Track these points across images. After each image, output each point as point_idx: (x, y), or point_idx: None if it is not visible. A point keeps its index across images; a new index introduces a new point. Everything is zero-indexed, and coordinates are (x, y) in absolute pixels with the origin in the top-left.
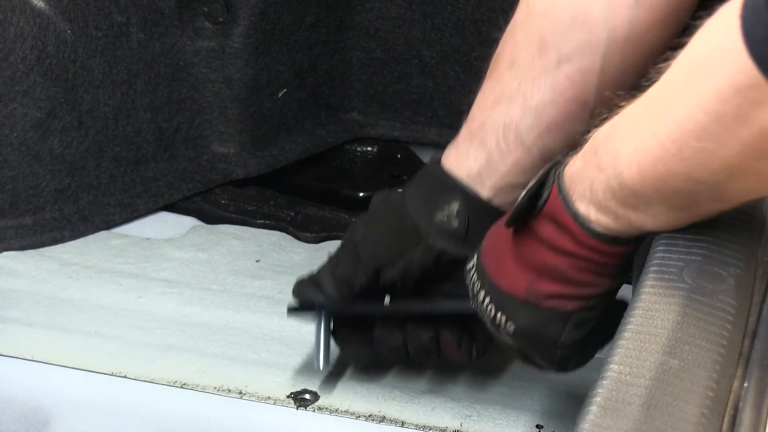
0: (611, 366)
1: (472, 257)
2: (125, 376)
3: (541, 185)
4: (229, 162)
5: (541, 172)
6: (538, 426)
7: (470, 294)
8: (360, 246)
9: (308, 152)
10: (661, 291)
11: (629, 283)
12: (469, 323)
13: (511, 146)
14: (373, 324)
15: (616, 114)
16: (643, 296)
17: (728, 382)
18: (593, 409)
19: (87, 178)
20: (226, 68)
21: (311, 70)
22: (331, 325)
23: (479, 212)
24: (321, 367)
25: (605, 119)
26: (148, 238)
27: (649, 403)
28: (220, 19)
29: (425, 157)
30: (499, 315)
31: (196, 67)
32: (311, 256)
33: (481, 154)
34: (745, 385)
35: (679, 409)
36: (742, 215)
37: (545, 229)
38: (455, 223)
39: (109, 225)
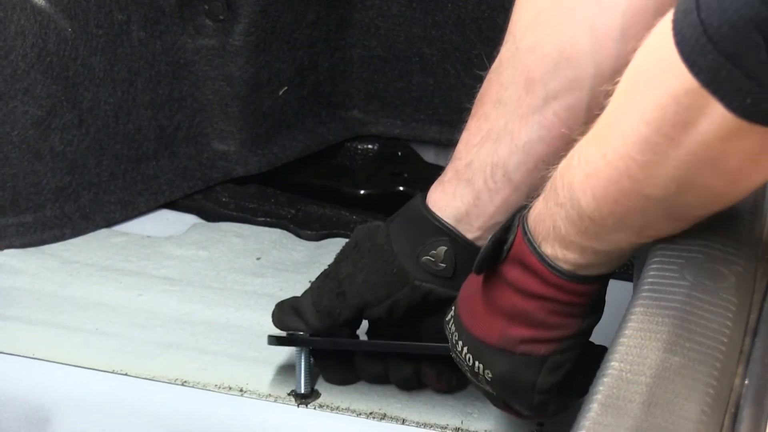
0: (612, 363)
1: (450, 309)
2: (126, 374)
3: (506, 230)
4: (230, 160)
5: (507, 218)
6: (539, 424)
7: (450, 345)
8: (345, 284)
9: (309, 150)
10: (661, 288)
11: (630, 278)
12: (449, 357)
13: (499, 185)
14: (353, 352)
15: (572, 148)
16: (643, 294)
17: (729, 380)
18: (594, 407)
19: (88, 176)
20: (226, 66)
21: (312, 68)
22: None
23: (466, 253)
24: (303, 391)
25: (563, 156)
26: (148, 236)
27: (650, 400)
28: (221, 17)
29: (426, 154)
30: (477, 364)
31: (196, 65)
32: (312, 254)
33: (468, 193)
34: (746, 382)
35: (679, 406)
36: (742, 213)
37: (512, 273)
38: (442, 266)
39: (109, 223)
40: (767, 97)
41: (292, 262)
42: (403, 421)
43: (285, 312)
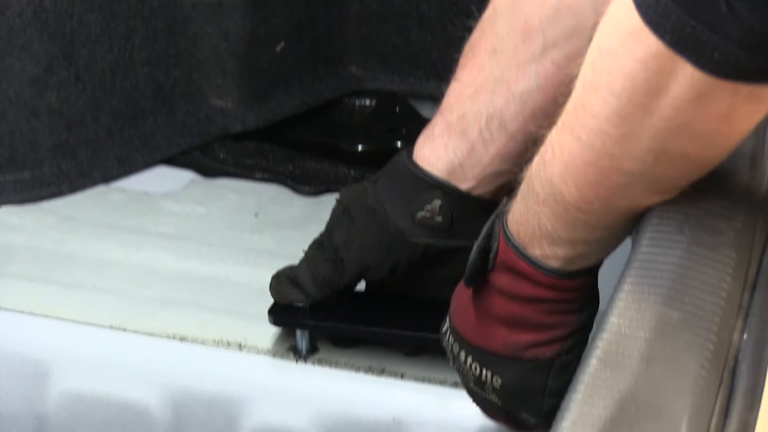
0: (611, 319)
1: (444, 321)
2: (124, 330)
3: (488, 238)
4: (227, 116)
5: (486, 226)
6: None
7: (450, 356)
8: (342, 251)
9: (306, 106)
10: (660, 243)
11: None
12: None
13: (495, 135)
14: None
15: (542, 145)
16: (642, 249)
17: (728, 335)
18: (593, 362)
19: (85, 133)
20: (223, 22)
21: (309, 24)
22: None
23: (461, 204)
24: (302, 346)
25: (532, 156)
26: (146, 193)
27: (648, 355)
28: None
29: (423, 110)
30: (484, 372)
31: (193, 22)
32: (310, 210)
33: (462, 145)
34: (745, 337)
35: (678, 361)
36: (740, 168)
37: (502, 280)
38: (438, 219)
39: (107, 179)
40: (733, 49)
41: (290, 218)
42: (402, 376)
43: (283, 284)
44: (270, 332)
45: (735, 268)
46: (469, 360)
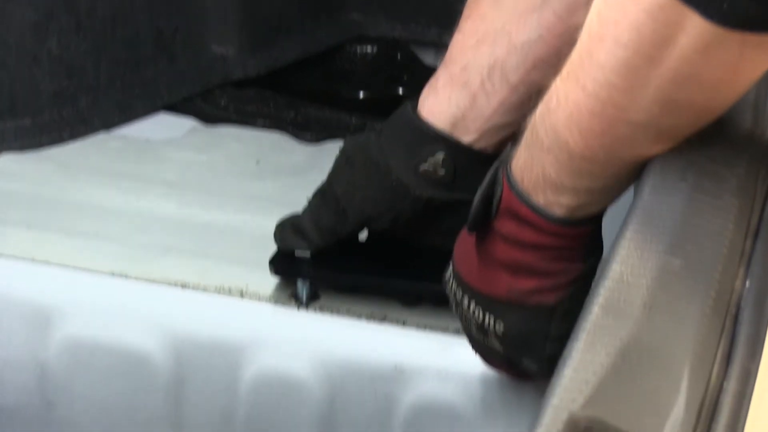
0: (612, 266)
1: (447, 267)
2: (126, 277)
3: (491, 185)
4: (229, 63)
5: (489, 172)
6: None
7: (452, 302)
8: (344, 201)
9: (308, 53)
10: (662, 190)
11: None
12: None
13: (497, 86)
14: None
15: (545, 93)
16: (644, 196)
17: (730, 282)
18: (595, 310)
19: (86, 80)
20: None
21: None
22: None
23: (463, 157)
24: (303, 294)
25: (535, 105)
26: (147, 140)
27: (650, 303)
28: None
29: (425, 57)
30: (487, 318)
31: None
32: (311, 157)
33: (464, 97)
34: (747, 285)
35: (680, 308)
36: (743, 115)
37: (506, 227)
38: (441, 172)
39: (108, 127)
40: None
41: (291, 166)
42: (404, 323)
43: (287, 232)
44: (271, 279)
45: (738, 216)
46: (472, 306)
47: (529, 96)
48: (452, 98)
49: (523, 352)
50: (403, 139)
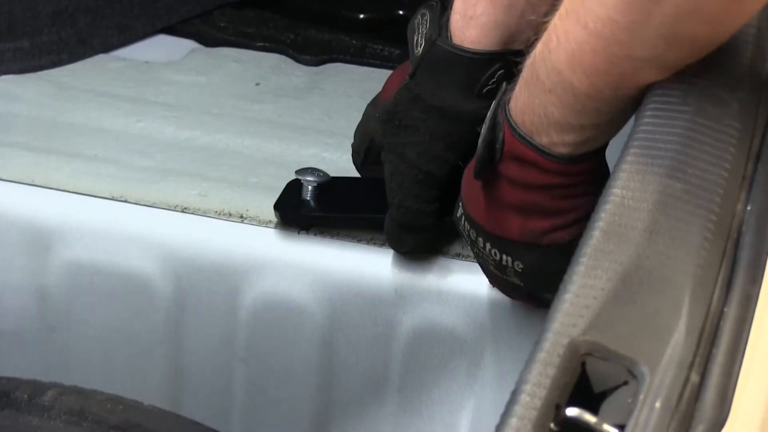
0: (614, 190)
1: (458, 206)
2: (125, 201)
3: (493, 129)
4: None
5: (488, 116)
6: None
7: (467, 241)
8: (423, 164)
9: None
10: (663, 114)
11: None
12: None
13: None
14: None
15: (545, 32)
16: (645, 120)
17: (731, 206)
18: (596, 234)
19: (84, 1)
20: None
21: None
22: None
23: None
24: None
25: (534, 43)
26: (146, 62)
27: (651, 227)
28: None
29: None
30: (504, 257)
31: None
32: (311, 79)
33: (512, 16)
34: (749, 208)
35: (682, 232)
36: (745, 40)
37: (511, 170)
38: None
39: (107, 48)
40: None
41: (291, 88)
42: None
43: (395, 227)
44: (272, 203)
45: (739, 139)
46: (488, 246)
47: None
48: (499, 21)
49: (544, 287)
50: (456, 78)
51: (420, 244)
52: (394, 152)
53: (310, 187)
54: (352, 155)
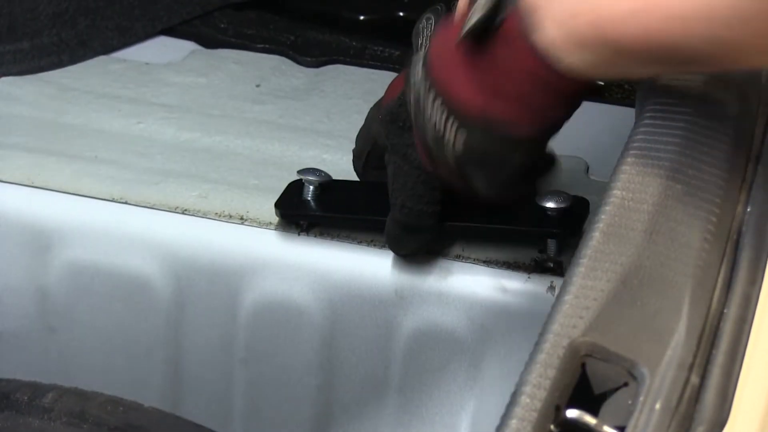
0: (614, 192)
1: (417, 61)
2: (125, 202)
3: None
4: None
5: None
6: (539, 251)
7: (413, 99)
8: (412, 153)
9: None
10: (663, 116)
11: (632, 105)
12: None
13: None
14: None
15: None
16: (645, 121)
17: (731, 207)
18: (596, 235)
19: (85, 2)
20: None
21: None
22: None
23: None
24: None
25: None
26: (146, 63)
27: (651, 228)
28: None
29: None
30: (449, 125)
31: None
32: (311, 81)
33: None
34: (748, 209)
35: (681, 234)
36: None
37: (504, 51)
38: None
39: (107, 49)
40: None
41: (291, 89)
42: None
43: (398, 230)
44: (272, 204)
45: (739, 141)
46: (437, 107)
47: None
48: None
49: (477, 171)
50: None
51: (420, 246)
52: (398, 153)
53: (311, 187)
54: (353, 160)
